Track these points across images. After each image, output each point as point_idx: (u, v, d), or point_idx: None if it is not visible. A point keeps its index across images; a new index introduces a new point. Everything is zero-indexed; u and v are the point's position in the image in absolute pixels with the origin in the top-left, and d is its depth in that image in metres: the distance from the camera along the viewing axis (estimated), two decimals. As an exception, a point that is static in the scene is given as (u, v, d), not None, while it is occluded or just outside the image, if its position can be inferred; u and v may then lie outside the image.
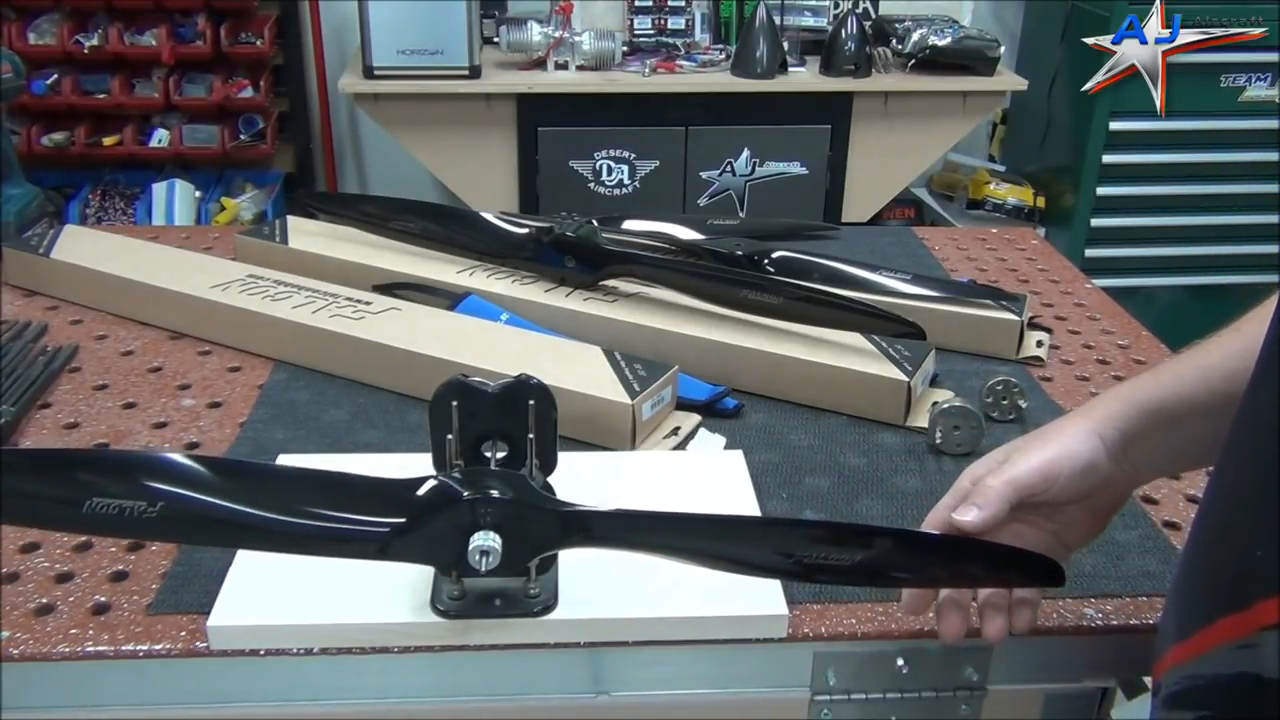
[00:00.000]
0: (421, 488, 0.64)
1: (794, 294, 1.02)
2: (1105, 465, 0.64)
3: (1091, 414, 0.65)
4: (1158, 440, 0.64)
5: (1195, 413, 0.63)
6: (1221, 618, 0.52)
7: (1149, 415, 0.64)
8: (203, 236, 1.40)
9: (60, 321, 1.15)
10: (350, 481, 0.65)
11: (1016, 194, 2.84)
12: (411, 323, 1.05)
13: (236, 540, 0.68)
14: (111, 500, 0.58)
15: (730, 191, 2.60)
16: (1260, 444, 0.51)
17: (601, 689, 0.73)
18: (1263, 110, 2.65)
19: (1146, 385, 0.65)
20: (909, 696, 0.73)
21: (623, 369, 0.95)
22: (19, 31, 2.60)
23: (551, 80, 2.48)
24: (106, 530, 0.61)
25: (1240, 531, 0.52)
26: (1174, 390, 0.64)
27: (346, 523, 0.63)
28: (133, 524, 0.59)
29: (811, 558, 0.63)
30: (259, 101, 2.75)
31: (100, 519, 0.59)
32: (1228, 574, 0.53)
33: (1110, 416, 0.65)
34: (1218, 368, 0.63)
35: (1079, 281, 1.34)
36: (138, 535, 0.62)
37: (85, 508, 0.58)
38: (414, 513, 0.63)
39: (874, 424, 0.98)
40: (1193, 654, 0.54)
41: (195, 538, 0.69)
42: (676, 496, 0.82)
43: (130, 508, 0.58)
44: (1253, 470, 0.52)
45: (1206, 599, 0.55)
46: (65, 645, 0.68)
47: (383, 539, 0.63)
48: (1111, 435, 0.64)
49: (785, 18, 2.63)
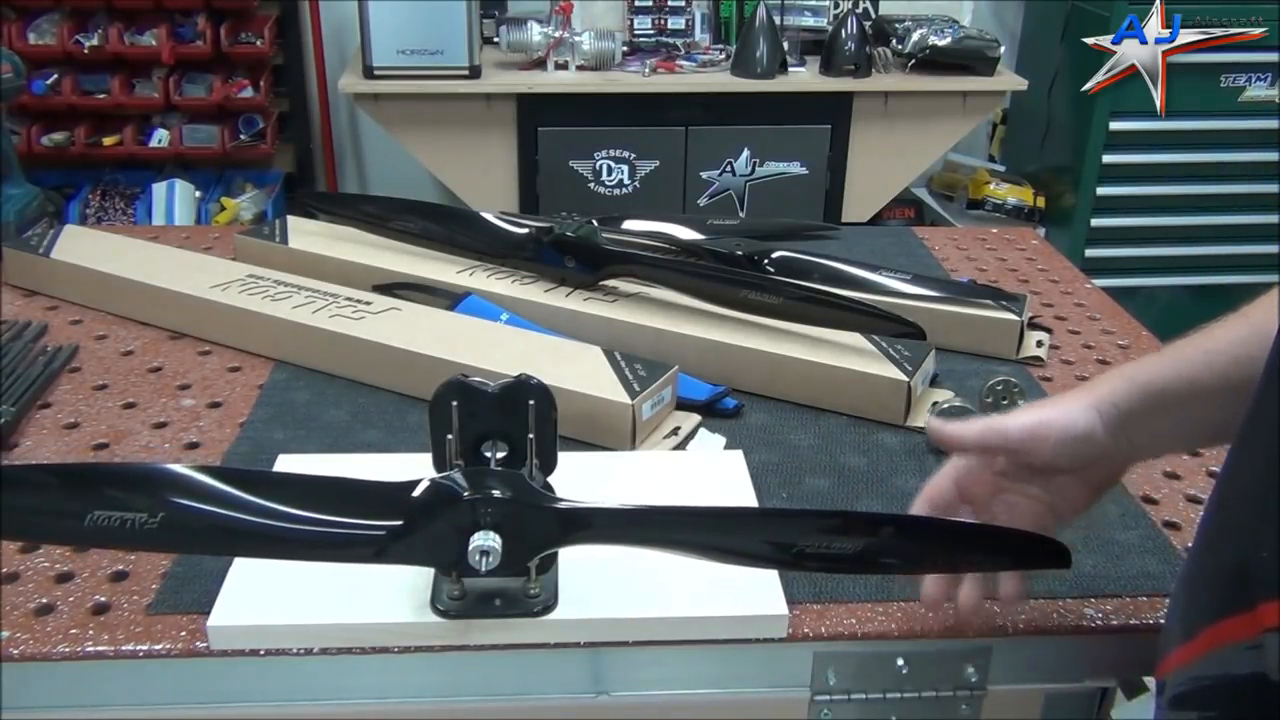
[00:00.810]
0: (417, 489, 0.64)
1: (794, 294, 1.02)
2: (1100, 438, 0.65)
3: (1094, 390, 0.66)
4: (1158, 420, 0.65)
5: (1197, 396, 0.64)
6: (1225, 618, 0.52)
7: (1150, 395, 0.64)
8: (203, 236, 1.40)
9: (60, 321, 1.15)
10: (346, 486, 0.65)
11: (1016, 194, 2.84)
12: (411, 323, 1.05)
13: (236, 548, 0.68)
14: (113, 513, 0.58)
15: (730, 191, 2.60)
16: (1266, 445, 0.51)
17: (601, 689, 0.73)
18: (1263, 110, 2.65)
19: (1150, 366, 0.66)
20: (909, 696, 0.73)
21: (623, 369, 0.95)
22: (19, 31, 2.60)
23: (551, 80, 2.48)
24: (109, 542, 0.62)
25: (1245, 532, 0.52)
26: (1176, 372, 0.64)
27: (343, 527, 0.63)
28: (134, 535, 0.59)
29: (813, 547, 0.63)
30: (259, 101, 2.76)
31: (102, 531, 0.59)
32: (1232, 574, 0.53)
33: (1112, 393, 0.65)
34: (1222, 352, 0.63)
35: (1079, 281, 1.34)
36: (140, 546, 0.63)
37: (87, 520, 0.58)
38: (410, 515, 0.63)
39: (874, 424, 0.98)
40: (1198, 654, 0.54)
41: (195, 547, 0.69)
42: (676, 496, 0.82)
43: (131, 519, 0.59)
44: (1258, 470, 0.52)
45: (1211, 599, 0.55)
46: (65, 645, 0.68)
47: (379, 542, 0.63)
48: (1110, 411, 0.65)
49: (785, 18, 2.63)
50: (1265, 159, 2.66)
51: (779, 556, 0.65)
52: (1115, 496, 0.87)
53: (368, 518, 0.63)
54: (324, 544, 0.63)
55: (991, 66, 2.56)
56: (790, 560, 0.64)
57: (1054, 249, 1.46)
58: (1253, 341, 0.62)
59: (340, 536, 0.63)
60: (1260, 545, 0.50)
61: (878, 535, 0.64)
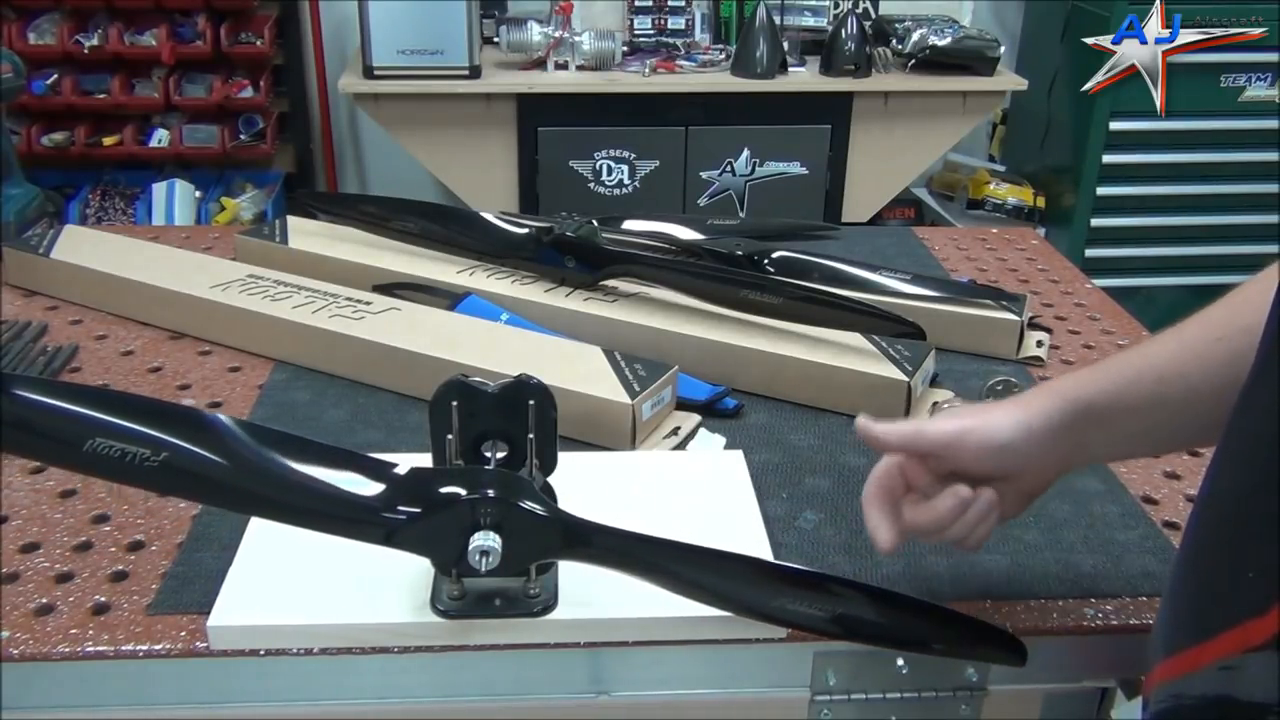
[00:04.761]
0: (440, 481, 0.64)
1: (794, 294, 1.02)
2: (1025, 449, 0.66)
3: (1026, 404, 0.68)
4: (1088, 434, 0.67)
5: (1125, 411, 0.66)
6: (1212, 637, 0.51)
7: (1080, 410, 0.66)
8: (203, 236, 1.40)
9: (60, 321, 1.15)
10: (366, 463, 0.64)
11: (1016, 194, 2.84)
12: (411, 323, 1.05)
13: (234, 505, 0.66)
14: (114, 443, 0.56)
15: (730, 191, 2.60)
16: (1252, 459, 0.51)
17: (601, 689, 0.73)
18: (1263, 110, 2.65)
19: (1081, 381, 0.68)
20: (909, 696, 0.73)
21: (623, 369, 0.95)
22: (19, 31, 2.60)
23: (551, 80, 2.48)
24: (103, 472, 0.59)
25: (1232, 548, 0.51)
26: (1104, 390, 0.66)
27: (356, 505, 0.62)
28: (132, 470, 0.57)
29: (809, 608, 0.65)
30: (259, 101, 2.76)
31: (100, 459, 0.57)
32: (1220, 590, 0.52)
33: (1042, 408, 0.67)
34: (1151, 368, 0.65)
35: (1079, 281, 1.34)
36: (134, 482, 0.60)
37: (86, 446, 0.56)
38: (430, 503, 0.63)
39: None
40: (1181, 672, 0.54)
41: (194, 496, 0.68)
42: (676, 497, 0.82)
43: (133, 453, 0.56)
44: (1246, 484, 0.51)
45: (1197, 615, 0.54)
46: (65, 645, 0.68)
47: (392, 525, 0.62)
48: (1040, 424, 0.66)
49: (785, 18, 2.63)
50: (1265, 159, 2.66)
51: (768, 611, 0.67)
52: (1115, 496, 0.87)
53: (384, 499, 0.62)
54: (335, 518, 0.62)
55: (991, 66, 2.56)
56: (783, 619, 0.66)
57: (1054, 249, 1.46)
58: (1181, 358, 0.64)
59: (353, 512, 0.62)
60: (1247, 561, 0.49)
61: (863, 608, 0.66)
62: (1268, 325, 0.52)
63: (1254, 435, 0.51)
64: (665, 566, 0.66)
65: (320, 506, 0.63)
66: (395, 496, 0.63)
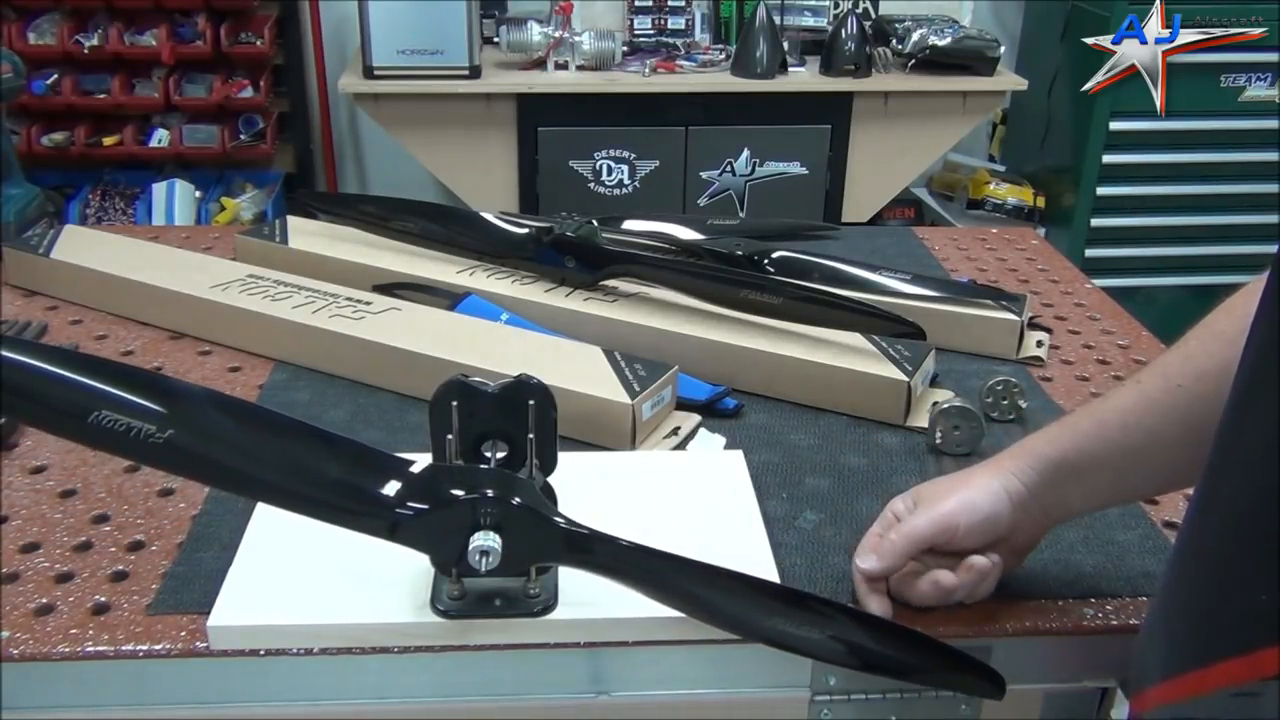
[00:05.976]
0: (448, 479, 0.63)
1: (794, 294, 1.02)
2: (1009, 515, 0.69)
3: (1000, 467, 0.71)
4: (1064, 490, 0.69)
5: (1095, 464, 0.68)
6: (1222, 661, 0.51)
7: (1052, 468, 0.69)
8: (203, 236, 1.40)
9: (60, 321, 1.15)
10: (372, 456, 0.64)
11: (1016, 194, 2.84)
12: (411, 323, 1.05)
13: (238, 489, 0.66)
14: (120, 417, 0.55)
15: (730, 191, 2.60)
16: (1256, 480, 0.49)
17: (601, 689, 0.73)
18: (1263, 110, 2.65)
19: (1050, 439, 0.70)
20: (909, 696, 0.73)
21: (623, 369, 0.95)
22: (19, 31, 2.60)
23: (551, 80, 2.48)
24: (107, 445, 0.58)
25: (1242, 570, 0.50)
26: (1072, 444, 0.69)
27: (363, 496, 0.62)
28: (136, 446, 0.56)
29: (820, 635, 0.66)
30: (259, 101, 2.76)
31: (104, 432, 0.55)
32: (1229, 614, 0.51)
33: (1016, 470, 0.70)
34: (1113, 422, 0.68)
35: (1079, 281, 1.34)
36: (136, 458, 0.58)
37: (91, 418, 0.55)
38: (438, 499, 0.62)
39: (874, 424, 0.98)
40: (1188, 694, 0.53)
41: (198, 476, 0.67)
42: (676, 497, 0.82)
43: (138, 429, 0.55)
44: (1251, 506, 0.50)
45: (1202, 637, 0.53)
46: (65, 645, 0.68)
47: (398, 519, 0.62)
48: (1016, 487, 0.70)
49: (785, 18, 2.63)
50: (1265, 159, 2.66)
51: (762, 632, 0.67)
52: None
53: (391, 492, 0.62)
54: (339, 509, 0.62)
55: (991, 66, 2.56)
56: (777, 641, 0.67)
57: (1054, 249, 1.46)
58: (1141, 408, 0.66)
59: (357, 504, 0.62)
60: (1260, 586, 0.48)
61: (851, 633, 0.66)
62: (1245, 352, 0.51)
63: (1261, 460, 0.49)
64: (668, 581, 0.66)
65: (327, 495, 0.62)
66: (407, 491, 0.63)
